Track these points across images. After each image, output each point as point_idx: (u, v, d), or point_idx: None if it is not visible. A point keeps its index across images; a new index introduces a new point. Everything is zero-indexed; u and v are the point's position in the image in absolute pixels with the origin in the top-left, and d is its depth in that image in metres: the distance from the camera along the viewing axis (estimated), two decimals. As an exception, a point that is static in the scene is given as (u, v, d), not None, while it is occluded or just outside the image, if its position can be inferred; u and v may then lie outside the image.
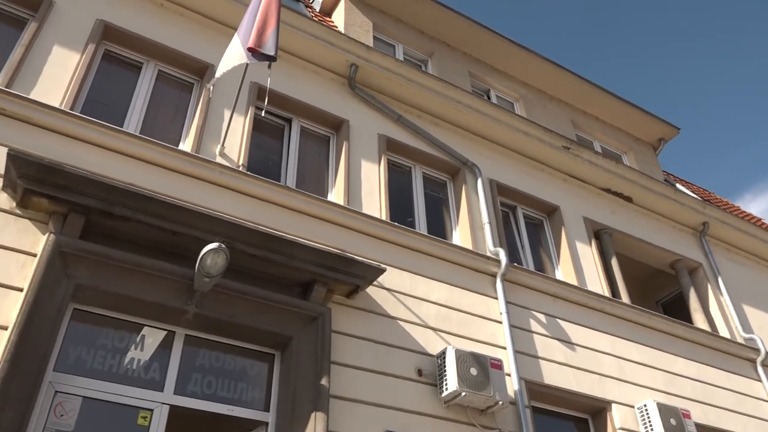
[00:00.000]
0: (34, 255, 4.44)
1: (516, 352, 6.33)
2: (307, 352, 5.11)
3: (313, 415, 4.74)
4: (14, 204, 4.58)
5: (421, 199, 7.48)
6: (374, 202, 6.70)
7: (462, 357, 5.57)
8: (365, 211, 6.53)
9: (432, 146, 7.80)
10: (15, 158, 4.41)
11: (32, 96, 5.24)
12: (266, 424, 4.88)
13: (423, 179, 7.73)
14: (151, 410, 4.45)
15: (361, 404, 5.17)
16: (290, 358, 5.10)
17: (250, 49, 5.28)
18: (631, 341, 7.49)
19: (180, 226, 4.87)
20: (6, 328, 4.06)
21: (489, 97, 9.80)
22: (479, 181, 7.72)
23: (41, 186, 4.48)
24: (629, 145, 11.05)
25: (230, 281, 4.91)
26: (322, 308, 5.37)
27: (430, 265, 6.51)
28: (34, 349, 4.04)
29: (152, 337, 4.82)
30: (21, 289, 4.26)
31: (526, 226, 8.32)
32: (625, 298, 8.02)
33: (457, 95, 8.13)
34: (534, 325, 6.81)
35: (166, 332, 4.88)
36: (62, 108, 5.29)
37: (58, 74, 5.55)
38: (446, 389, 5.45)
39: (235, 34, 5.62)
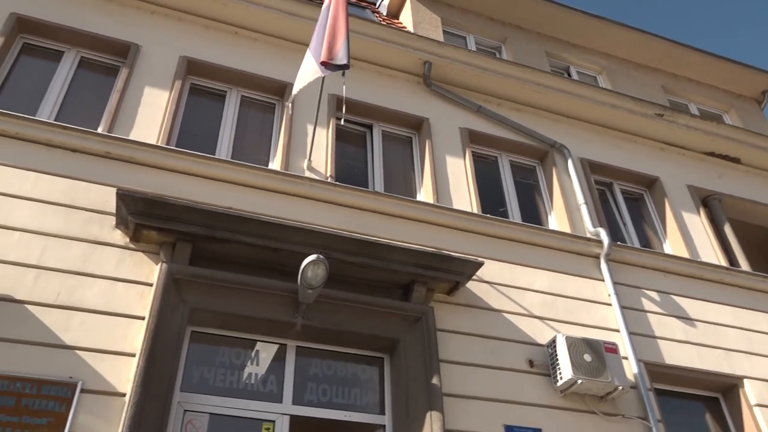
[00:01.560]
0: (151, 284, 4.73)
1: (630, 333, 6.06)
2: (415, 352, 5.13)
3: (428, 415, 4.75)
4: (128, 239, 4.91)
5: (511, 188, 7.34)
6: (464, 196, 6.65)
7: (574, 344, 5.40)
8: (456, 206, 6.48)
9: (516, 133, 7.64)
10: (124, 197, 4.73)
11: (132, 137, 5.60)
12: (383, 426, 4.94)
13: (511, 167, 7.58)
14: (273, 421, 4.62)
15: (475, 400, 5.12)
16: (399, 360, 5.14)
17: (323, 63, 5.38)
18: (757, 311, 6.99)
19: (278, 243, 5.03)
20: (134, 355, 4.35)
21: (569, 75, 9.48)
22: (570, 162, 7.47)
23: (149, 219, 4.77)
24: (729, 102, 10.33)
25: (332, 290, 5.02)
26: (424, 308, 5.38)
27: (529, 254, 6.37)
28: (161, 373, 4.30)
29: (266, 352, 5.01)
30: (143, 318, 4.55)
31: (625, 201, 7.97)
32: (744, 265, 7.48)
33: (536, 77, 7.92)
34: (647, 304, 6.50)
35: (278, 345, 5.06)
36: (159, 144, 5.62)
37: (151, 113, 5.90)
38: (561, 378, 5.31)
39: (308, 50, 5.75)
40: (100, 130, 5.59)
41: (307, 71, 5.62)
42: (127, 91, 5.95)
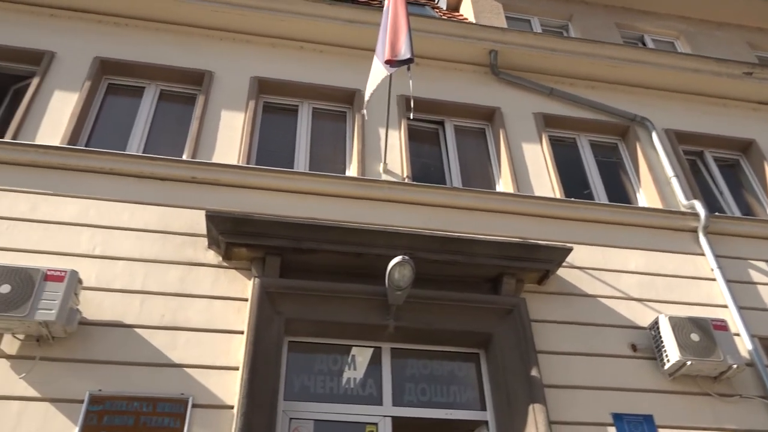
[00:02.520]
0: (246, 299, 4.90)
1: (740, 308, 5.71)
2: (511, 345, 5.05)
3: (530, 408, 4.66)
4: (220, 258, 5.11)
5: (593, 168, 7.09)
6: (545, 182, 6.49)
7: (678, 324, 5.15)
8: (538, 193, 6.34)
9: (593, 111, 7.38)
10: (213, 218, 4.94)
11: (214, 160, 5.84)
12: (485, 423, 4.89)
13: (591, 147, 7.33)
14: (376, 424, 4.68)
15: (579, 390, 4.98)
16: (495, 354, 5.07)
17: (387, 62, 5.42)
18: None
19: (363, 248, 5.10)
20: (237, 369, 4.52)
21: (644, 44, 9.06)
22: (654, 135, 7.14)
23: (238, 237, 4.96)
24: (825, 51, 9.55)
25: (421, 290, 5.02)
26: (515, 299, 5.29)
27: (620, 234, 6.13)
28: (264, 384, 4.44)
29: (362, 356, 5.08)
30: (242, 332, 4.72)
31: (719, 169, 7.53)
32: None
33: (608, 51, 7.62)
34: (755, 276, 6.10)
35: (373, 349, 5.12)
36: (240, 164, 5.82)
37: (230, 135, 6.12)
38: (668, 361, 5.06)
39: (374, 56, 5.81)
40: (184, 157, 5.86)
41: (376, 74, 5.68)
42: (205, 117, 6.20)
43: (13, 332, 4.30)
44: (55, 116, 5.85)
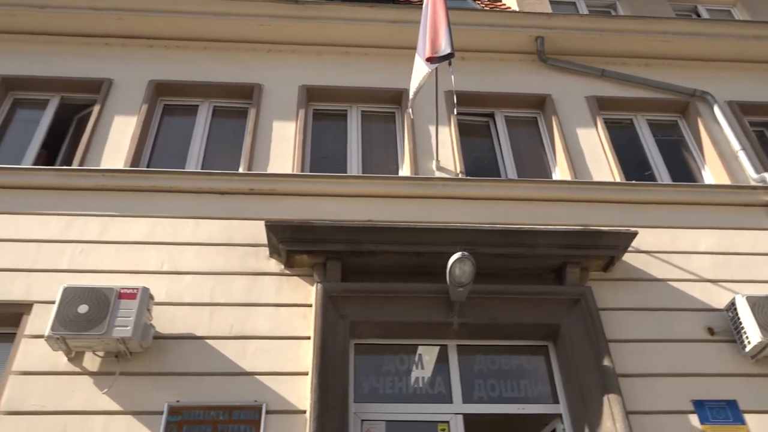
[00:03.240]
0: (310, 305, 4.97)
1: (823, 283, 5.41)
2: (580, 336, 4.94)
3: (605, 398, 4.54)
4: (282, 266, 5.20)
5: (653, 148, 6.86)
6: (603, 167, 6.32)
7: (758, 303, 4.91)
8: (597, 179, 6.18)
9: (649, 89, 7.14)
10: (272, 227, 5.04)
11: (270, 170, 5.95)
12: (559, 416, 4.80)
13: (649, 126, 7.09)
14: (447, 422, 4.65)
15: (656, 378, 4.81)
16: (564, 345, 4.97)
17: (428, 59, 5.42)
18: None
19: (422, 246, 5.09)
20: (307, 374, 4.59)
21: (698, 14, 8.71)
22: (716, 108, 6.86)
23: (298, 245, 5.04)
24: None
25: (483, 285, 4.96)
26: (581, 288, 5.17)
27: (687, 214, 5.90)
28: (334, 387, 4.49)
29: (428, 354, 5.07)
30: (308, 338, 4.79)
31: (790, 139, 7.16)
32: None
33: (661, 26, 7.36)
34: (839, 247, 5.77)
35: (439, 347, 5.10)
36: (295, 173, 5.91)
37: (283, 145, 6.23)
38: (749, 343, 4.84)
39: (416, 54, 5.80)
40: (241, 169, 6.00)
41: (418, 72, 5.68)
42: (258, 129, 6.33)
43: (94, 350, 4.50)
44: (117, 140, 6.09)
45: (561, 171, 6.40)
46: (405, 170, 6.25)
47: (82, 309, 4.35)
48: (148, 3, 6.95)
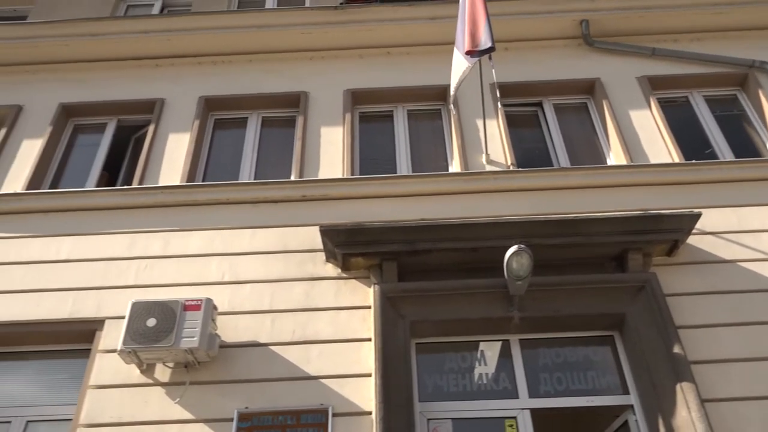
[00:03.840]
0: (369, 307, 5.00)
1: None
2: (646, 323, 4.79)
3: (677, 387, 4.39)
4: (339, 270, 5.25)
5: (712, 125, 6.60)
6: (660, 148, 6.12)
7: (837, 280, 4.66)
8: (654, 161, 6.00)
9: (703, 64, 6.87)
10: (327, 232, 5.10)
11: (321, 176, 6.02)
12: (631, 406, 4.66)
13: (706, 103, 6.82)
14: (515, 418, 4.60)
15: (731, 363, 4.61)
16: (631, 334, 4.83)
17: (468, 53, 5.38)
18: None
19: (477, 242, 5.05)
20: (370, 375, 4.62)
21: (752, -18, 8.31)
22: (778, 78, 6.55)
23: (353, 247, 5.08)
24: None
25: (542, 277, 4.89)
26: (645, 275, 5.01)
27: (754, 191, 5.65)
28: (398, 387, 4.50)
29: (490, 350, 5.02)
30: (369, 339, 4.82)
31: None
32: None
33: (712, -3, 7.08)
34: None
35: (501, 342, 5.04)
36: (345, 176, 5.96)
37: (332, 150, 6.29)
38: (831, 322, 4.59)
39: (454, 48, 5.77)
40: (292, 177, 6.09)
41: (458, 68, 5.65)
42: (306, 136, 6.41)
43: (164, 361, 4.65)
44: (173, 157, 6.28)
45: (616, 156, 6.23)
46: (455, 166, 6.21)
47: (151, 322, 4.51)
48: (193, 22, 7.16)
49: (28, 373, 5.00)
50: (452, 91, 5.79)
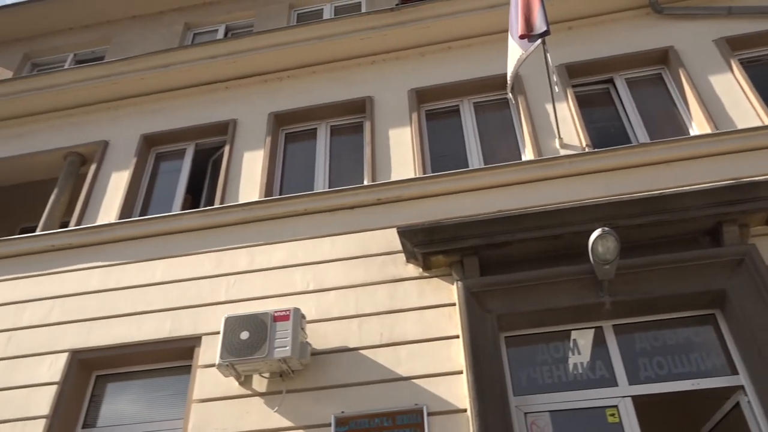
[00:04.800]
0: (453, 304, 4.97)
1: None
2: (751, 298, 4.52)
3: (793, 363, 4.12)
4: (421, 270, 5.25)
5: (804, 81, 6.15)
6: (747, 112, 5.77)
7: None
8: (741, 126, 5.66)
9: (787, 17, 6.42)
10: (405, 233, 5.12)
11: (393, 178, 6.05)
12: (741, 387, 4.41)
13: (795, 58, 6.37)
14: (615, 406, 4.44)
15: None
16: (734, 311, 4.56)
17: (522, 37, 5.28)
18: None
19: (558, 229, 4.92)
20: (461, 372, 4.59)
21: None
22: None
23: (432, 246, 5.06)
24: None
25: (631, 259, 4.72)
26: (744, 247, 4.74)
27: None
28: (491, 383, 4.45)
29: (583, 339, 4.88)
30: (457, 336, 4.79)
31: None
32: None
33: (790, -56, 6.60)
34: None
35: (593, 329, 4.89)
36: (417, 176, 5.96)
37: (402, 151, 6.30)
38: None
39: (509, 36, 5.67)
40: (365, 182, 6.15)
41: (513, 54, 5.57)
42: (375, 140, 6.46)
43: (260, 372, 4.80)
44: (250, 174, 6.49)
45: (698, 125, 5.91)
46: (528, 154, 6.08)
47: (244, 335, 4.67)
48: (256, 41, 7.37)
49: (135, 392, 5.31)
50: (509, 80, 5.71)
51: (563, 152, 5.85)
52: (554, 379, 4.73)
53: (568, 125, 6.08)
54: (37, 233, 6.42)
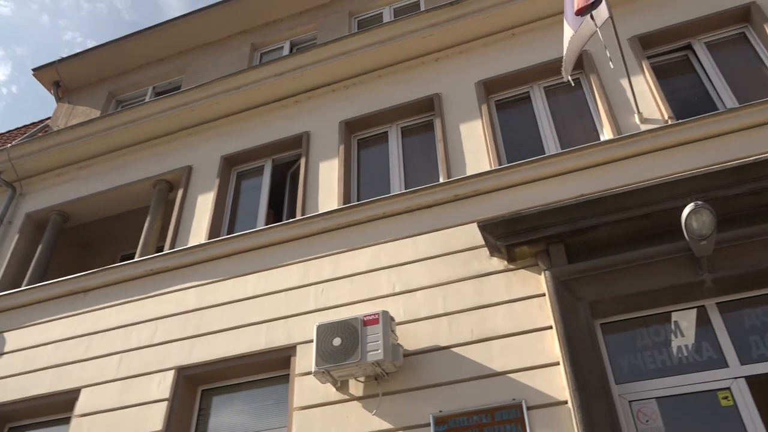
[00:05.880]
0: (543, 294, 4.86)
1: None
2: None
3: None
4: (505, 263, 5.17)
5: None
6: None
7: None
8: (841, 77, 5.22)
9: None
10: (485, 227, 5.05)
11: (468, 173, 6.00)
12: None
13: None
14: (728, 388, 4.20)
15: None
16: None
17: (578, 13, 5.14)
18: None
19: (646, 207, 4.71)
20: (558, 364, 4.48)
21: None
22: None
23: (515, 237, 4.98)
24: None
25: (729, 232, 4.45)
26: None
27: None
28: (590, 372, 4.31)
29: (684, 320, 4.64)
30: (550, 327, 4.68)
31: None
32: None
33: None
34: None
35: (695, 309, 4.64)
36: (493, 168, 5.87)
37: (475, 144, 6.23)
38: None
39: (563, 18, 5.52)
40: (441, 179, 6.13)
41: (568, 33, 5.45)
42: (447, 137, 6.43)
43: (355, 376, 4.88)
44: (327, 184, 6.61)
45: (791, 82, 5.52)
46: (606, 134, 5.87)
47: (336, 342, 4.76)
48: (320, 53, 7.52)
49: (239, 403, 5.52)
50: (565, 62, 5.56)
51: (644, 127, 5.60)
52: (657, 364, 4.53)
53: (646, 99, 5.82)
54: (136, 260, 6.81)
